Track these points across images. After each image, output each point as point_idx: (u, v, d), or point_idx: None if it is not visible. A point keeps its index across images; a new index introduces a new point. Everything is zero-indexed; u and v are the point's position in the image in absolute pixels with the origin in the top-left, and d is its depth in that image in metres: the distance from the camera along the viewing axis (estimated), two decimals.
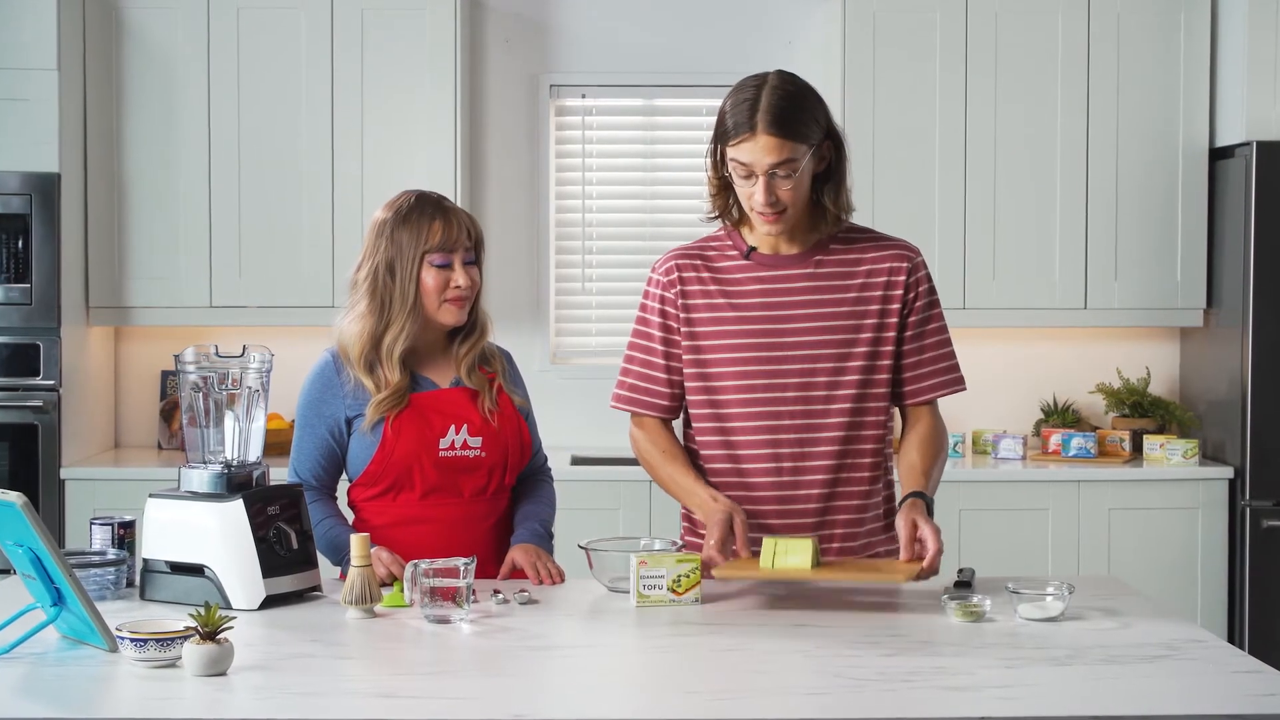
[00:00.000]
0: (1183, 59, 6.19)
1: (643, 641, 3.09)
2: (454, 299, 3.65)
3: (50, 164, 5.86)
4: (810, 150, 3.42)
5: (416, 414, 3.64)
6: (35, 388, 5.89)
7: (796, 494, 3.56)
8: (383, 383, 3.63)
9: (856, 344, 3.53)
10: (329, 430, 3.69)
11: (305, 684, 2.75)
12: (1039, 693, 2.70)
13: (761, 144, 3.38)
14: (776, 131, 3.38)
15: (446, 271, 3.63)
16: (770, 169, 3.40)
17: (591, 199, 6.66)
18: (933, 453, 3.58)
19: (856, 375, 3.53)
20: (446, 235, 3.63)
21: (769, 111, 3.38)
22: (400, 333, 3.63)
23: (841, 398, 3.53)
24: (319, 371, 3.71)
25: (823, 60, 6.43)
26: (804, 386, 3.52)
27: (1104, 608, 3.31)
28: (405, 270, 3.62)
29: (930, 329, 3.61)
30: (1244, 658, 2.94)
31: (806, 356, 3.52)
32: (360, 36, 6.15)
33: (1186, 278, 6.24)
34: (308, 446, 3.71)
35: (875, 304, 3.54)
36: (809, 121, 3.42)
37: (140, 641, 2.79)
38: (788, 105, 3.40)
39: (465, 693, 2.72)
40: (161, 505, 3.39)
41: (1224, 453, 6.14)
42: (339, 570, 3.64)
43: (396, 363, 3.63)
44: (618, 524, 5.87)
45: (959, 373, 3.65)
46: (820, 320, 3.53)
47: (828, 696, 2.68)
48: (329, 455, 3.71)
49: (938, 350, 3.62)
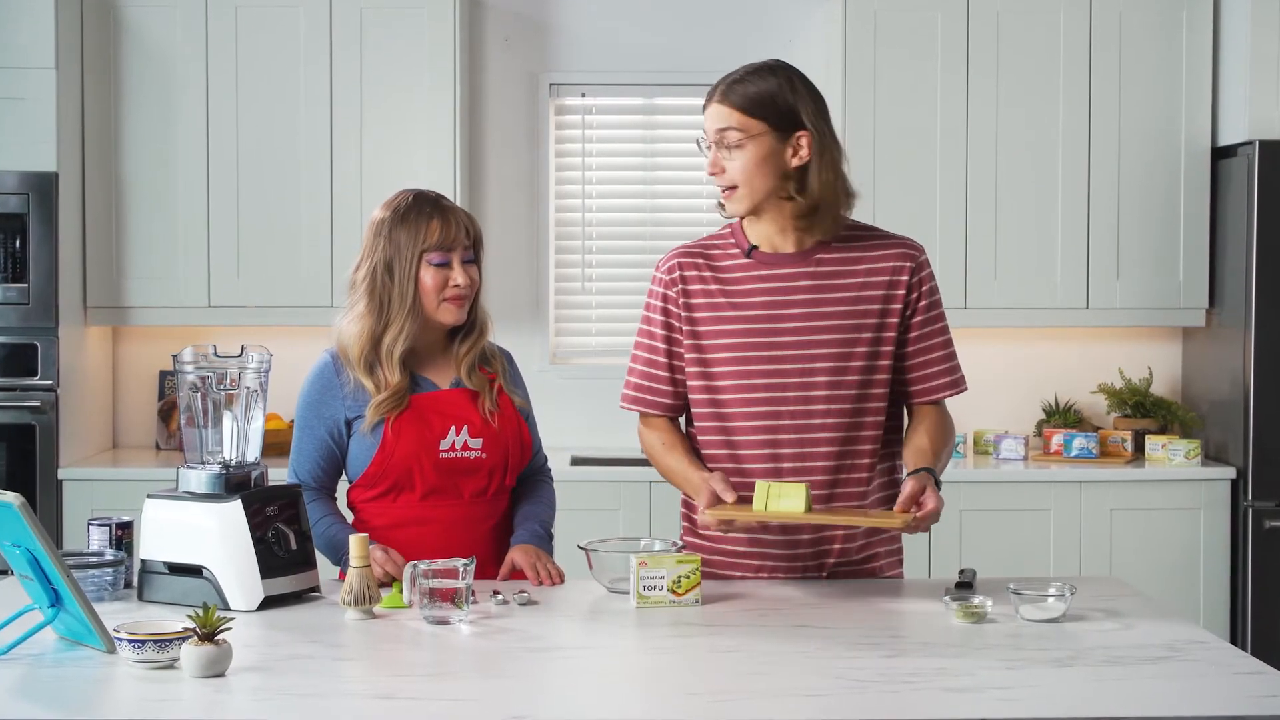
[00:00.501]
0: (1185, 57, 6.19)
1: (643, 643, 3.09)
2: (453, 298, 3.63)
3: (48, 163, 5.86)
4: (768, 131, 3.43)
5: (416, 415, 3.62)
6: (33, 388, 5.88)
7: None
8: (383, 384, 3.62)
9: (857, 343, 3.51)
10: (328, 431, 3.67)
11: (304, 685, 2.74)
12: (1041, 694, 2.70)
13: (711, 109, 3.47)
14: (724, 99, 3.44)
15: (445, 270, 3.62)
16: (717, 134, 3.45)
17: (591, 198, 6.65)
18: (941, 438, 3.57)
19: (856, 375, 3.51)
20: (444, 234, 3.62)
21: (725, 81, 3.47)
22: (400, 333, 3.62)
23: (841, 397, 3.51)
24: (318, 372, 3.70)
25: (824, 59, 6.42)
26: (803, 386, 3.50)
27: (1106, 609, 3.30)
28: (404, 269, 3.61)
29: (936, 329, 3.59)
30: (1246, 659, 2.94)
31: (806, 355, 3.50)
32: (359, 35, 6.14)
33: (1189, 277, 6.23)
34: (307, 447, 3.70)
35: (877, 303, 3.53)
36: (768, 102, 3.43)
37: (138, 643, 2.79)
38: (748, 80, 3.45)
39: (464, 694, 2.71)
40: (159, 506, 3.38)
41: (1226, 453, 6.13)
42: (338, 570, 3.62)
43: (396, 363, 3.62)
44: (618, 524, 5.86)
45: (961, 373, 3.64)
46: (820, 319, 3.51)
47: (829, 698, 2.68)
48: (328, 456, 3.70)
49: (944, 350, 3.61)
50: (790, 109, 3.45)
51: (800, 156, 3.46)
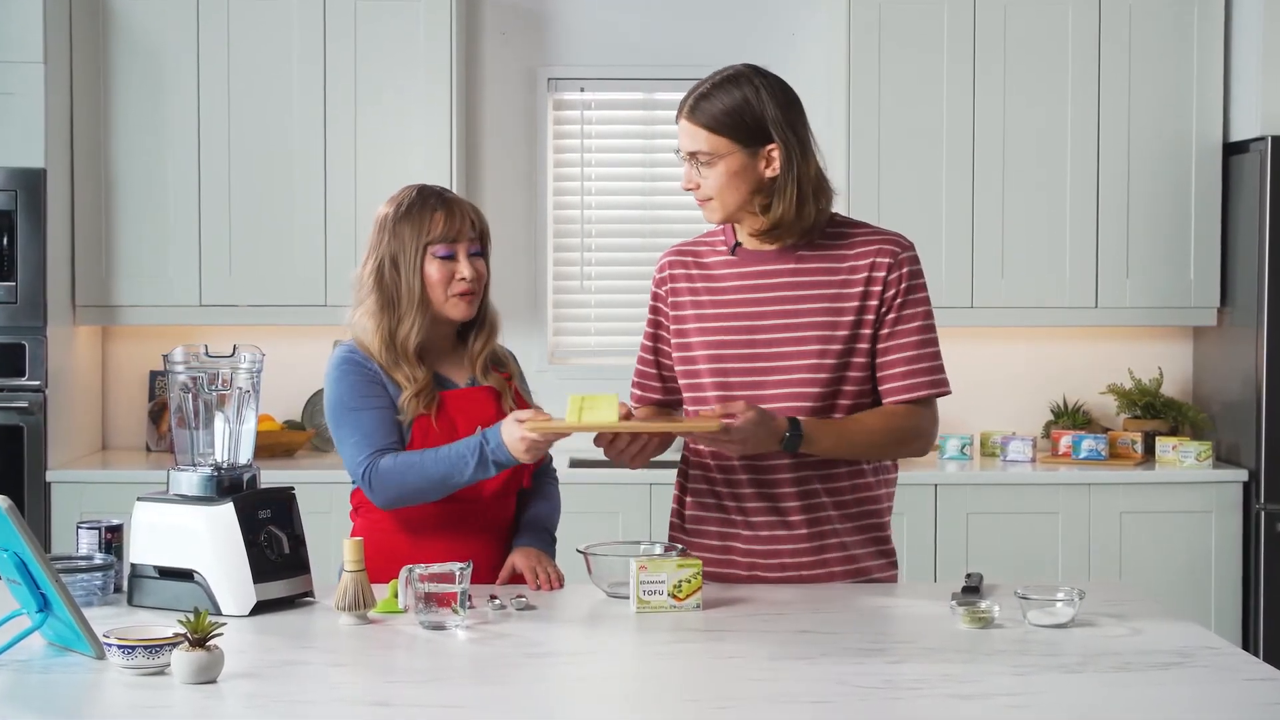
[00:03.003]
0: (1196, 51, 6.17)
1: (643, 648, 3.08)
2: (460, 291, 3.61)
3: (36, 159, 5.85)
4: (737, 149, 3.44)
5: (444, 415, 3.60)
6: (21, 388, 5.87)
7: (777, 493, 3.52)
8: (409, 379, 3.58)
9: (832, 340, 3.49)
10: (386, 404, 3.56)
11: (297, 692, 2.74)
12: (1049, 701, 2.69)
13: (681, 127, 3.50)
14: (690, 117, 3.47)
15: (451, 263, 3.60)
16: (688, 154, 3.49)
17: (590, 195, 6.64)
18: (877, 422, 3.48)
19: (830, 374, 3.49)
20: (449, 226, 3.60)
21: (692, 98, 3.48)
22: (412, 327, 3.59)
23: (817, 395, 3.49)
24: (346, 359, 3.61)
25: (826, 52, 6.42)
26: (780, 384, 3.50)
27: (1115, 614, 3.29)
28: (409, 263, 3.59)
29: (909, 326, 3.50)
30: (1258, 665, 2.92)
31: (783, 354, 3.51)
32: (353, 28, 6.13)
33: (1200, 276, 6.21)
34: (369, 422, 3.55)
35: (854, 300, 3.50)
36: (735, 118, 3.44)
37: (128, 648, 2.78)
38: (714, 95, 3.46)
39: (461, 701, 2.71)
40: (150, 509, 3.36)
41: (1238, 455, 6.11)
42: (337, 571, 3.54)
43: (414, 357, 3.59)
44: (617, 528, 5.83)
45: (942, 375, 3.53)
46: (796, 316, 3.51)
47: (832, 704, 2.67)
48: (396, 426, 3.57)
49: (917, 349, 3.50)
50: (758, 121, 3.45)
51: (773, 168, 3.47)
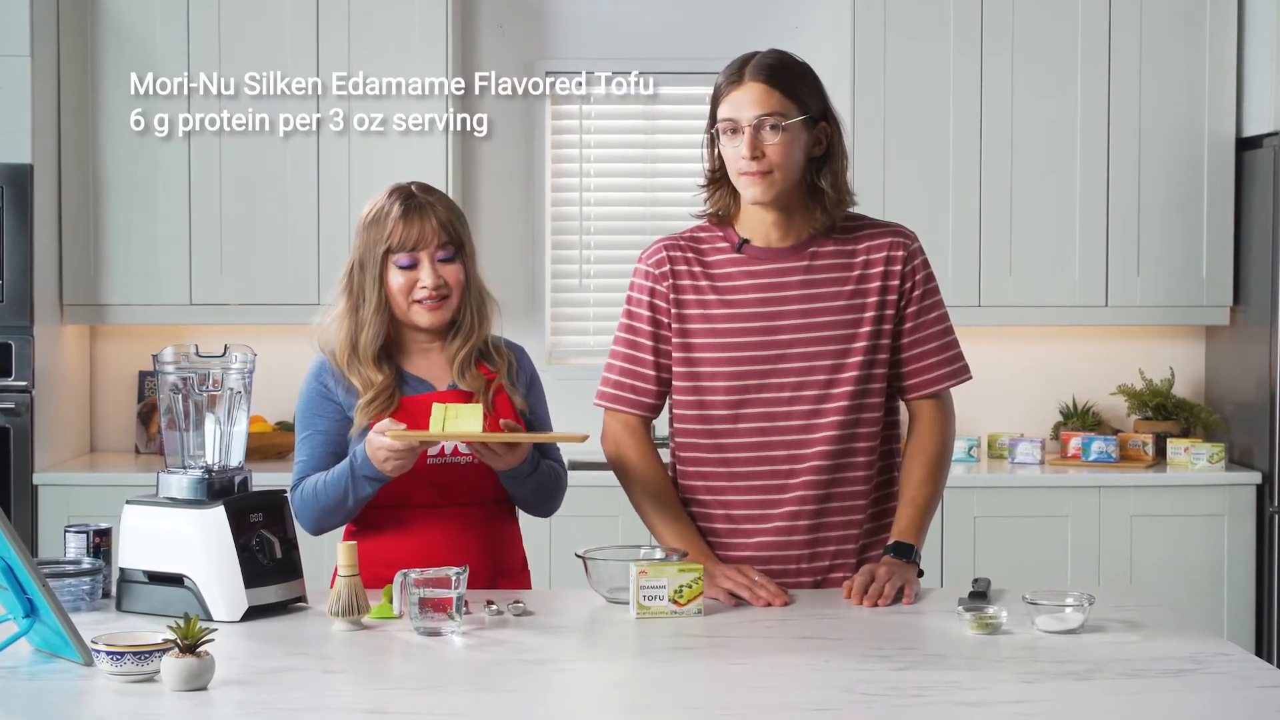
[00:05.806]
0: (1208, 44, 6.14)
1: (643, 655, 3.07)
2: (421, 299, 3.55)
3: (22, 155, 5.82)
4: (803, 117, 3.41)
5: (406, 419, 3.51)
6: (7, 389, 5.85)
7: (787, 497, 3.50)
8: (367, 384, 3.54)
9: (856, 339, 3.49)
10: (333, 426, 3.56)
11: (289, 699, 2.73)
12: (1057, 708, 2.69)
13: (749, 91, 3.40)
14: (765, 78, 3.40)
15: (412, 272, 3.55)
16: (757, 119, 3.38)
17: (589, 191, 6.62)
18: (935, 472, 3.56)
19: (855, 371, 3.49)
20: (407, 235, 3.54)
21: (759, 63, 3.43)
22: (372, 333, 3.56)
23: (839, 395, 3.48)
24: (315, 371, 3.63)
25: (831, 45, 6.37)
26: (799, 386, 3.48)
27: (1126, 619, 3.27)
28: (372, 271, 3.56)
29: (931, 317, 3.57)
30: (1272, 671, 2.91)
31: (802, 355, 3.48)
32: (347, 21, 6.11)
33: (1212, 274, 6.18)
34: (310, 447, 3.58)
35: (874, 295, 3.51)
36: (800, 85, 3.43)
37: (117, 655, 2.77)
38: (779, 63, 3.44)
39: (457, 708, 2.71)
40: (139, 512, 3.34)
41: (1251, 457, 6.08)
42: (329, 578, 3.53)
43: (372, 361, 3.55)
44: (616, 532, 5.74)
45: (964, 362, 3.62)
46: (817, 316, 3.49)
47: (836, 712, 2.66)
48: (340, 447, 3.56)
49: (941, 339, 3.58)
50: (821, 95, 3.47)
51: (821, 146, 3.47)
